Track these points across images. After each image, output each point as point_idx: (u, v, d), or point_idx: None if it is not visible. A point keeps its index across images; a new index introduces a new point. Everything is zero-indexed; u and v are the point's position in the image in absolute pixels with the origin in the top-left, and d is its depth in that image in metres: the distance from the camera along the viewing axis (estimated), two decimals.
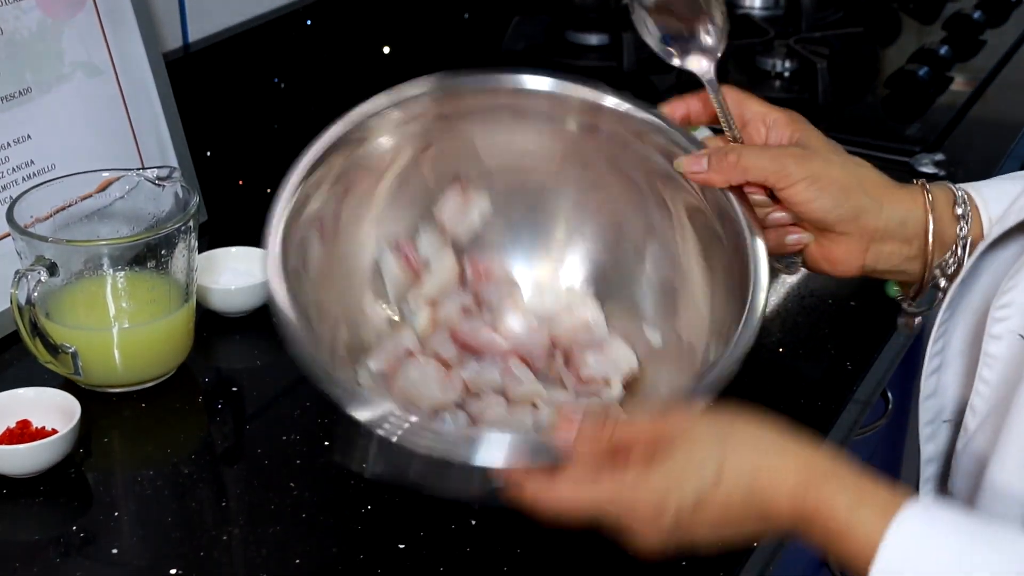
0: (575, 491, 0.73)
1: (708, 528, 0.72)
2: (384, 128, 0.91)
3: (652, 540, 0.73)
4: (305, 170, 0.87)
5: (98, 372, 1.01)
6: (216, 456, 0.98)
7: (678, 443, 0.72)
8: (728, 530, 0.73)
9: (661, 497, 0.71)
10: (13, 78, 1.12)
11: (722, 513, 0.71)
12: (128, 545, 0.88)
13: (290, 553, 0.86)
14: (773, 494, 0.71)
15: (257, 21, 1.46)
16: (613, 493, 0.72)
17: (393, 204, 0.93)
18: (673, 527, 0.72)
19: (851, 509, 0.69)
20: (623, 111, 0.91)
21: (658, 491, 0.72)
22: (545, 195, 0.95)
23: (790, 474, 0.71)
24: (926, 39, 1.76)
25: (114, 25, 1.20)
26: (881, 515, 0.68)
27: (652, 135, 0.90)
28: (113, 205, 1.07)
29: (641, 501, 0.72)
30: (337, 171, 0.89)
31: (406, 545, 0.87)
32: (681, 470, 0.72)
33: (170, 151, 1.24)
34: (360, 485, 0.92)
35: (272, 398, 1.03)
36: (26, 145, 1.13)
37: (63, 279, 0.98)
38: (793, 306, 1.15)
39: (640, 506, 0.72)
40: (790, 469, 0.71)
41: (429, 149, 0.92)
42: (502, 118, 0.93)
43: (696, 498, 0.71)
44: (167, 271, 1.01)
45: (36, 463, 0.92)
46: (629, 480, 0.72)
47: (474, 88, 0.92)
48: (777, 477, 0.71)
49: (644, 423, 0.75)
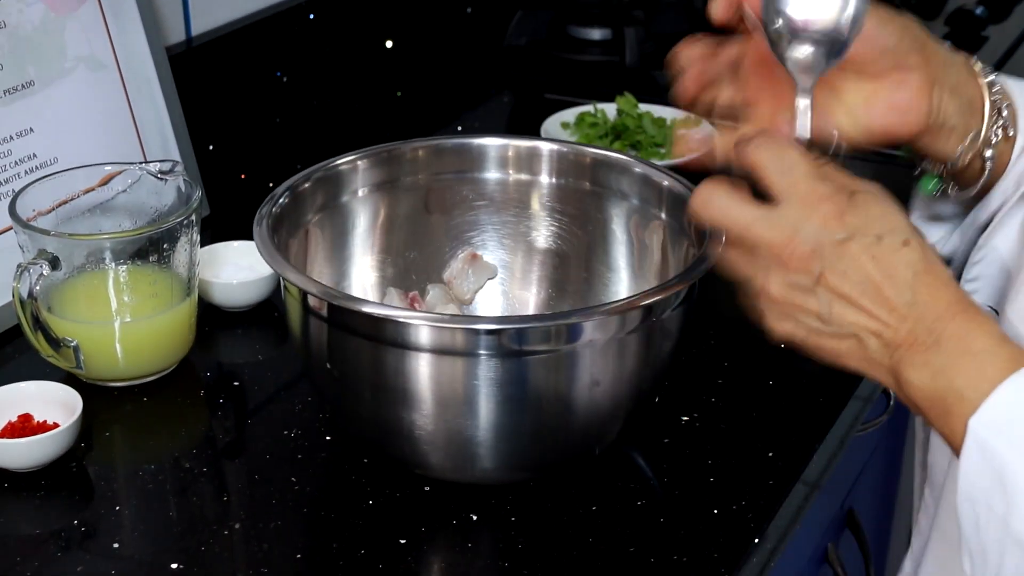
0: (769, 224, 0.72)
1: (859, 280, 0.70)
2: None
3: (817, 239, 0.71)
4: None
5: (100, 366, 1.01)
6: (217, 450, 0.98)
7: (876, 192, 0.73)
8: (868, 299, 0.70)
9: (855, 212, 0.71)
10: (16, 71, 1.12)
11: (887, 275, 0.70)
12: (129, 539, 0.88)
13: (291, 548, 0.86)
14: (935, 292, 0.70)
15: (260, 15, 1.46)
16: (819, 175, 0.73)
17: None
18: (842, 243, 0.70)
19: (997, 342, 0.69)
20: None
21: (857, 207, 0.71)
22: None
23: (954, 289, 0.71)
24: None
25: (117, 19, 1.20)
26: (1018, 364, 0.68)
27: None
28: (115, 199, 1.07)
29: (836, 200, 0.72)
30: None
31: (407, 540, 0.87)
32: (878, 213, 0.72)
33: (172, 145, 1.24)
34: (361, 480, 0.92)
35: (274, 393, 1.03)
36: (29, 139, 1.13)
37: (65, 273, 0.98)
38: None
39: (832, 203, 0.71)
40: (954, 287, 0.71)
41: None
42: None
43: (879, 237, 0.71)
44: (169, 265, 1.01)
45: (37, 457, 0.92)
46: (826, 198, 0.72)
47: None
48: (945, 283, 0.71)
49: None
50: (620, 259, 1.02)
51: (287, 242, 0.94)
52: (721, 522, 0.88)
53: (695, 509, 0.89)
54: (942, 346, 0.69)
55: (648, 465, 0.94)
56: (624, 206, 1.01)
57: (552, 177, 1.03)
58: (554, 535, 0.87)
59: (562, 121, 1.48)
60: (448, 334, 0.82)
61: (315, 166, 0.98)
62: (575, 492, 0.91)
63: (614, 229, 1.02)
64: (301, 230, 0.96)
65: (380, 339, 0.83)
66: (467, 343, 0.81)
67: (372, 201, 1.01)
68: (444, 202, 1.04)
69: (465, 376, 0.82)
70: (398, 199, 1.02)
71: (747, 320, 0.76)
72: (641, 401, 0.90)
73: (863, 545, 1.32)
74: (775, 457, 0.94)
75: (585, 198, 1.03)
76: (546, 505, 0.89)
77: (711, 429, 0.98)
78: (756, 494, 0.91)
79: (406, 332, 0.82)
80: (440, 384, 0.83)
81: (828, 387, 1.03)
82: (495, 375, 0.82)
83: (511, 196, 1.04)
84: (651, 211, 0.99)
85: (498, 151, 1.03)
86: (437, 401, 0.83)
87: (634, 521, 0.88)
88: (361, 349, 0.85)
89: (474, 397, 0.83)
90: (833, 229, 0.71)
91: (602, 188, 1.02)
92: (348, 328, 0.84)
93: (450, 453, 0.87)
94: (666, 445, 0.96)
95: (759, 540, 0.87)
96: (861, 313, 0.71)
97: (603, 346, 0.84)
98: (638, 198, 0.99)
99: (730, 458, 0.94)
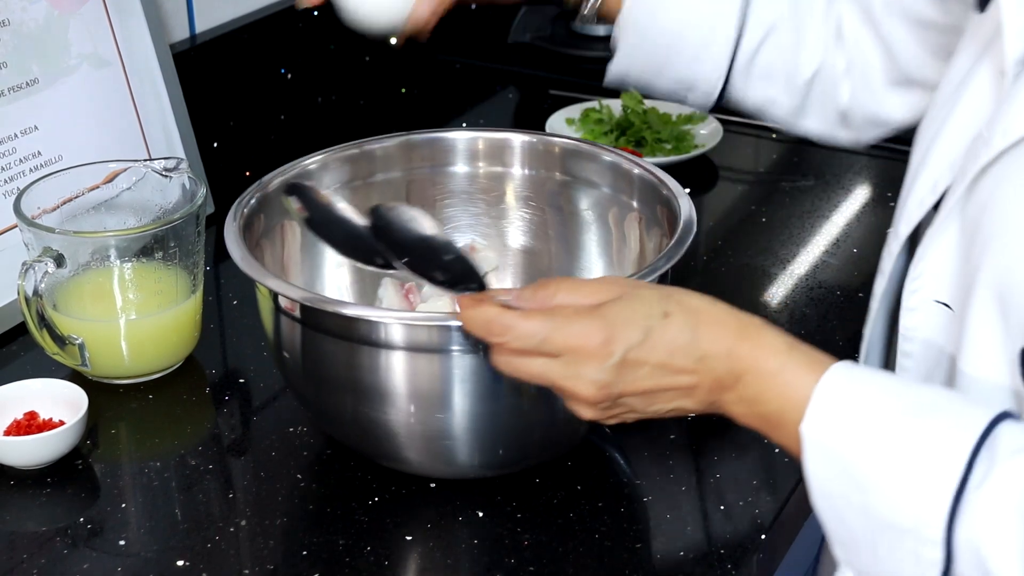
0: (525, 318, 0.74)
1: (650, 376, 0.74)
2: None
3: (597, 379, 0.74)
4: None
5: (105, 363, 1.01)
6: (223, 447, 0.98)
7: (626, 292, 0.75)
8: (667, 379, 0.74)
9: (612, 328, 0.73)
10: (20, 69, 1.12)
11: (666, 355, 0.74)
12: (135, 536, 0.88)
13: (297, 544, 0.86)
14: (715, 338, 0.74)
15: (264, 12, 1.46)
16: (564, 322, 0.74)
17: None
18: (619, 366, 0.73)
19: (786, 354, 0.73)
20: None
21: (609, 321, 0.73)
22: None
23: (731, 323, 0.74)
24: None
25: (121, 16, 1.20)
26: (816, 366, 0.72)
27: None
28: (120, 196, 1.07)
29: (593, 330, 0.73)
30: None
31: (413, 537, 0.87)
32: (632, 307, 0.74)
33: (177, 142, 1.24)
34: (367, 476, 0.92)
35: (279, 390, 1.02)
36: (33, 136, 1.13)
37: (70, 270, 0.98)
38: (801, 298, 1.15)
39: (591, 335, 0.73)
40: (731, 321, 0.74)
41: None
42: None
43: (645, 332, 0.73)
44: (174, 262, 1.01)
45: (43, 454, 0.92)
46: (582, 311, 0.74)
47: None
48: (720, 323, 0.74)
49: (589, 284, 0.78)
50: (594, 249, 1.03)
51: (259, 242, 0.94)
52: (727, 518, 0.88)
53: (701, 505, 0.89)
54: (743, 379, 0.74)
55: (654, 461, 0.94)
56: (595, 195, 1.02)
57: (524, 168, 1.04)
58: (560, 531, 0.87)
59: (567, 117, 1.48)
60: (421, 331, 0.82)
61: (285, 165, 0.98)
62: (581, 489, 0.91)
63: (586, 219, 1.03)
64: (273, 230, 0.97)
65: (354, 339, 0.83)
66: (440, 340, 0.82)
67: (344, 198, 1.01)
68: (415, 197, 1.04)
69: (440, 372, 0.83)
70: (371, 196, 1.02)
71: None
72: None
73: None
74: (781, 453, 0.94)
75: (557, 188, 1.03)
76: (552, 502, 0.89)
77: (717, 424, 0.97)
78: (762, 490, 0.91)
79: (379, 331, 0.82)
80: (415, 381, 0.83)
81: None
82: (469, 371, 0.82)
83: (484, 188, 1.04)
84: (623, 199, 0.99)
85: (468, 144, 1.04)
86: (413, 398, 0.84)
87: (640, 517, 0.88)
88: (336, 349, 0.85)
89: (449, 393, 0.83)
90: (603, 362, 0.74)
91: (572, 177, 1.02)
92: (322, 329, 0.85)
93: (429, 449, 0.87)
94: (672, 441, 0.96)
95: (765, 536, 0.87)
96: (667, 392, 0.75)
97: None
98: (609, 187, 1.00)
99: (736, 454, 0.94)
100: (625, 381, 0.74)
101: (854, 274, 1.19)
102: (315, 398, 0.89)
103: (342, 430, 0.91)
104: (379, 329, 0.82)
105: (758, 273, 1.19)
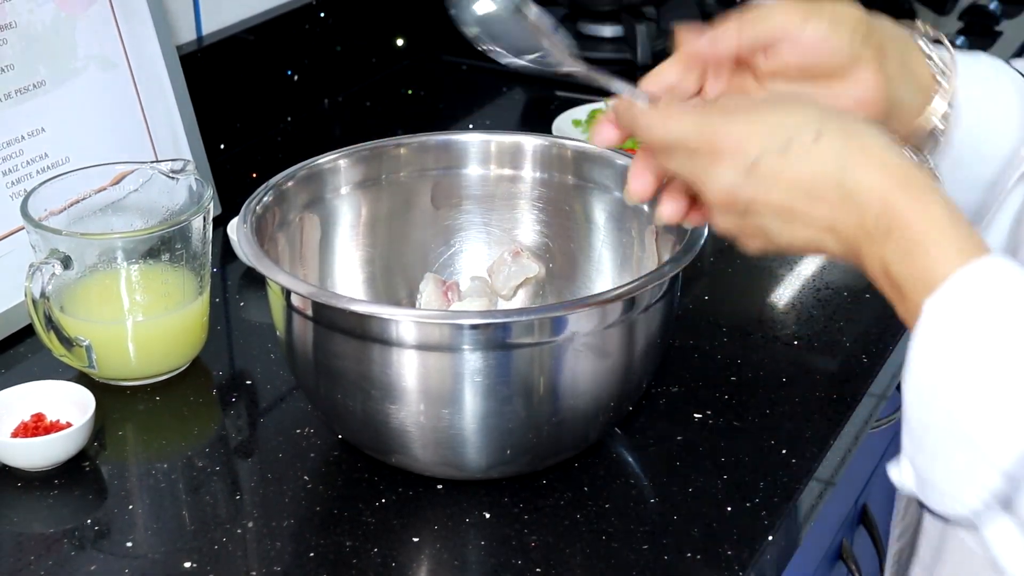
0: (667, 113, 0.72)
1: (785, 191, 0.68)
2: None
3: (727, 177, 0.69)
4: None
5: (112, 365, 1.01)
6: (230, 449, 0.98)
7: (788, 101, 0.71)
8: (803, 203, 0.68)
9: (753, 129, 0.69)
10: (27, 71, 1.12)
11: (809, 177, 0.68)
12: (142, 538, 0.88)
13: (304, 546, 0.86)
14: (871, 179, 0.67)
15: (271, 14, 1.46)
16: (706, 119, 0.70)
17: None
18: (751, 169, 0.69)
19: (945, 227, 0.65)
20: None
21: (754, 122, 0.69)
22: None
23: (896, 170, 0.67)
24: (942, 29, 1.74)
25: (127, 18, 1.20)
26: (971, 251, 0.65)
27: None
28: (127, 198, 1.07)
29: (734, 127, 0.69)
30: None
31: (420, 538, 0.87)
32: (784, 113, 0.69)
33: (184, 144, 1.24)
34: (374, 478, 0.92)
35: (286, 391, 1.02)
36: (40, 138, 1.13)
37: (77, 272, 0.99)
38: (808, 299, 1.15)
39: (730, 133, 0.69)
40: (896, 167, 0.67)
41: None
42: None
43: (787, 143, 0.68)
44: (181, 264, 1.01)
45: (50, 456, 0.92)
46: (733, 109, 0.70)
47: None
48: (883, 165, 0.67)
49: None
50: (604, 252, 1.03)
51: (272, 239, 0.94)
52: (735, 519, 0.88)
53: (709, 506, 0.89)
54: (892, 236, 0.67)
55: (661, 462, 0.94)
56: (607, 199, 1.01)
57: (536, 171, 1.04)
58: (567, 533, 0.87)
59: (574, 118, 1.48)
60: (433, 329, 0.82)
61: (296, 166, 0.98)
62: (588, 490, 0.91)
63: (597, 222, 1.03)
64: (285, 229, 0.97)
65: (365, 336, 0.83)
66: (452, 338, 0.82)
67: (356, 198, 1.02)
68: (428, 198, 1.04)
69: (451, 370, 0.83)
70: (381, 196, 1.02)
71: (753, 319, 0.76)
72: (628, 394, 0.90)
73: (877, 542, 1.32)
74: (788, 454, 0.94)
75: (569, 192, 1.03)
76: (559, 503, 0.89)
77: (724, 426, 0.97)
78: (770, 491, 0.90)
79: (391, 328, 0.82)
80: (426, 379, 0.83)
81: (842, 384, 1.03)
82: (480, 369, 0.82)
83: (495, 191, 1.04)
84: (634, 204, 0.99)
85: (481, 147, 1.04)
86: (423, 395, 0.84)
87: (648, 518, 0.88)
88: (347, 346, 0.85)
89: (459, 391, 0.83)
90: (736, 160, 0.70)
91: (585, 182, 1.02)
92: (334, 326, 0.85)
93: (437, 447, 0.87)
94: (679, 442, 0.96)
95: (773, 537, 0.87)
96: (804, 220, 0.70)
97: (588, 338, 0.84)
98: (621, 191, 1.00)
99: (743, 455, 0.94)
100: (756, 188, 0.69)
101: (861, 275, 1.18)
102: (325, 395, 0.89)
103: (351, 427, 0.91)
104: (390, 326, 0.82)
105: (765, 274, 1.19)
